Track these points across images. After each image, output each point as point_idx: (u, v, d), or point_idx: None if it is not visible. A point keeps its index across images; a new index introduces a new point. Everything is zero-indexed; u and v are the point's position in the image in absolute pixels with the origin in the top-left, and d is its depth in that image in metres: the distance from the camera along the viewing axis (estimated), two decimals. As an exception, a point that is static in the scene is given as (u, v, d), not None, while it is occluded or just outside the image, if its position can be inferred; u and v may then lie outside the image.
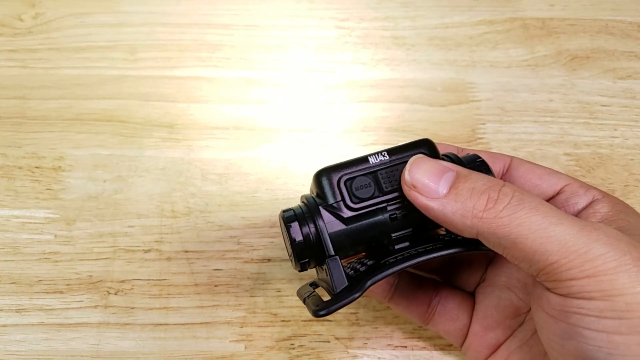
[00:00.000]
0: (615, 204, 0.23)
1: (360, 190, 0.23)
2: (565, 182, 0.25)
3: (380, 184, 0.24)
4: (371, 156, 0.24)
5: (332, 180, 0.24)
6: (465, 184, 0.22)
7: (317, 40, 0.42)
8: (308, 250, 0.23)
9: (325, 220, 0.23)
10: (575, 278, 0.19)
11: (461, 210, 0.21)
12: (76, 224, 0.33)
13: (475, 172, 0.22)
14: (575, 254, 0.19)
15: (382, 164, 0.24)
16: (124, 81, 0.39)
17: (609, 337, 0.19)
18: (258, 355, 0.29)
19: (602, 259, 0.18)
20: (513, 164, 0.27)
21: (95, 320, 0.30)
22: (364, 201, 0.23)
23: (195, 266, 0.32)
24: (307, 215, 0.23)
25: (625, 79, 0.40)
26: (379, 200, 0.24)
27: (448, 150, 0.27)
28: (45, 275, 0.32)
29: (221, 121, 0.38)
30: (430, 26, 0.43)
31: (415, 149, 0.24)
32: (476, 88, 0.39)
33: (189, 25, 0.42)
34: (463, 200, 0.21)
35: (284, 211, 0.24)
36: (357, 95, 0.39)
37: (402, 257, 0.23)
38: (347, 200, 0.23)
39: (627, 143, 0.37)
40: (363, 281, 0.22)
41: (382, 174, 0.24)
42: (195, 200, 0.34)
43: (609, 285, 0.18)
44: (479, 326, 0.27)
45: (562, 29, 0.43)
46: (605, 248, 0.18)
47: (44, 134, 0.37)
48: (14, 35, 0.42)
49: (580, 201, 0.24)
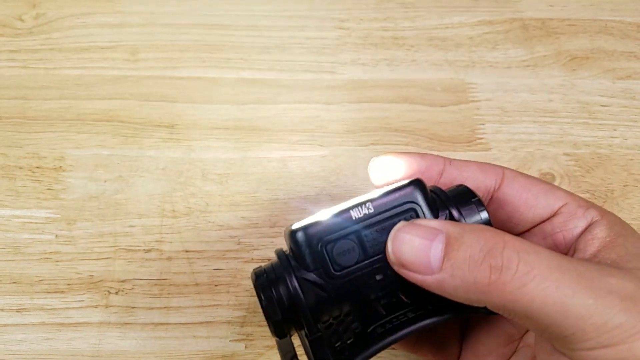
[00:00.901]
0: (612, 225, 0.22)
1: (343, 257, 0.21)
2: (563, 202, 0.24)
3: (366, 247, 0.21)
4: (354, 209, 0.21)
5: (310, 244, 0.21)
6: (459, 253, 0.19)
7: (317, 40, 0.42)
8: (287, 323, 0.21)
9: (305, 292, 0.21)
10: (592, 348, 0.18)
11: (462, 286, 0.19)
12: (77, 224, 0.33)
13: (468, 231, 0.19)
14: (592, 327, 0.17)
15: (366, 219, 0.21)
16: (124, 81, 0.40)
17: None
18: (258, 354, 0.29)
19: (621, 328, 0.17)
20: (506, 179, 0.25)
21: (96, 320, 0.30)
22: (347, 268, 0.21)
23: (195, 266, 0.32)
24: (283, 286, 0.21)
25: (625, 79, 0.40)
26: (364, 265, 0.21)
27: (435, 163, 0.25)
28: (46, 275, 0.32)
29: (221, 121, 0.38)
30: (430, 27, 0.43)
31: (403, 194, 0.21)
32: (476, 88, 0.39)
33: (189, 25, 0.43)
34: (462, 274, 0.19)
35: (256, 276, 0.22)
36: (357, 95, 0.39)
37: (392, 325, 0.21)
38: (329, 268, 0.21)
39: (627, 143, 0.37)
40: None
41: (367, 235, 0.21)
42: (195, 200, 0.34)
43: (628, 354, 0.18)
44: (470, 353, 0.26)
45: (562, 30, 0.43)
46: (622, 317, 0.18)
47: (45, 134, 0.37)
48: (15, 35, 0.42)
49: (579, 224, 0.23)
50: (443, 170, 0.25)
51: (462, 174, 0.25)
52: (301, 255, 0.21)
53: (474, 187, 0.24)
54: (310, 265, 0.21)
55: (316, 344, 0.21)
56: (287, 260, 0.22)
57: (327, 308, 0.21)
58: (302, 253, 0.21)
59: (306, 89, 0.39)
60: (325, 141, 0.37)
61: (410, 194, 0.21)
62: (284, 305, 0.21)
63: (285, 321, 0.21)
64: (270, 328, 0.22)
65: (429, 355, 0.27)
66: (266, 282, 0.21)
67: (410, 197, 0.21)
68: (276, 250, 0.23)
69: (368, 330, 0.22)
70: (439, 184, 0.25)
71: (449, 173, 0.25)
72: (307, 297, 0.21)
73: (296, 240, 0.21)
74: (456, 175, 0.25)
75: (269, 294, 0.21)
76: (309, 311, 0.21)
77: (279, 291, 0.21)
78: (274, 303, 0.21)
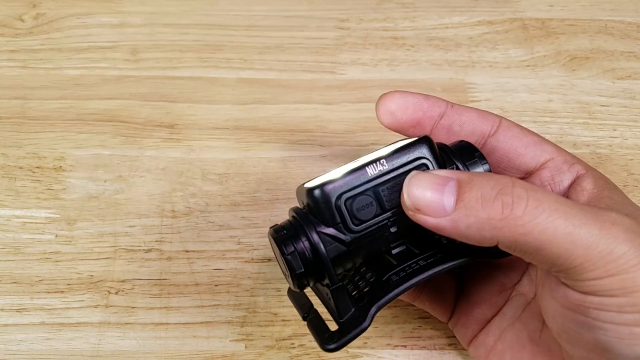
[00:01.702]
0: (597, 179, 0.24)
1: (361, 212, 0.22)
2: (550, 156, 0.25)
3: (382, 202, 0.22)
4: (369, 166, 0.22)
5: (330, 200, 0.22)
6: (471, 193, 0.20)
7: (317, 40, 0.42)
8: (308, 275, 0.22)
9: (327, 246, 0.22)
10: (598, 278, 0.19)
11: (476, 223, 0.20)
12: (77, 224, 0.33)
13: (477, 174, 0.21)
14: (599, 256, 0.18)
15: (382, 175, 0.22)
16: (124, 81, 0.40)
17: (630, 330, 0.19)
18: (258, 354, 0.29)
19: (624, 258, 0.18)
20: (502, 127, 0.26)
21: (96, 320, 0.30)
22: (365, 222, 0.22)
23: (195, 266, 0.32)
24: (304, 241, 0.22)
25: (625, 79, 0.40)
26: (381, 219, 0.22)
27: (437, 105, 0.26)
28: (46, 275, 0.32)
29: (222, 121, 0.38)
30: (430, 27, 0.43)
31: (414, 150, 0.22)
32: (476, 88, 0.39)
33: (190, 25, 0.43)
34: (475, 212, 0.20)
35: (276, 232, 0.23)
36: (357, 95, 0.39)
37: (405, 273, 0.22)
38: (349, 223, 0.22)
39: (627, 143, 0.37)
40: (370, 308, 0.22)
41: (383, 190, 0.22)
42: (195, 200, 0.34)
43: (631, 283, 0.18)
44: (465, 302, 0.27)
45: (562, 30, 0.43)
46: (626, 246, 0.19)
47: (45, 134, 0.37)
48: (15, 35, 0.42)
49: (565, 178, 0.24)
50: (444, 113, 0.26)
51: (461, 118, 0.26)
52: (320, 211, 0.22)
53: (471, 131, 0.26)
54: (329, 220, 0.22)
55: (338, 293, 0.22)
56: (306, 216, 0.22)
57: (346, 260, 0.22)
58: (322, 209, 0.22)
59: (306, 89, 0.39)
60: (325, 141, 0.37)
61: (420, 150, 0.22)
62: (306, 259, 0.22)
63: (307, 274, 0.22)
64: (293, 281, 0.22)
65: (427, 304, 0.28)
66: (287, 237, 0.22)
67: (421, 153, 0.22)
68: (292, 208, 0.23)
69: (383, 279, 0.22)
70: (439, 125, 0.26)
71: (449, 116, 0.26)
72: (329, 250, 0.22)
73: (315, 197, 0.22)
74: (455, 118, 0.26)
75: (291, 248, 0.22)
76: (330, 262, 0.22)
77: (301, 245, 0.22)
78: (297, 257, 0.22)
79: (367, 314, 0.22)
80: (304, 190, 0.22)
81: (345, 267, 0.23)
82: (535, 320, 0.24)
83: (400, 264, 0.23)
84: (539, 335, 0.24)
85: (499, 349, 0.25)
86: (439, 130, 0.26)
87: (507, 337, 0.25)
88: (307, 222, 0.22)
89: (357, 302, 0.22)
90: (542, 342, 0.24)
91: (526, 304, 0.25)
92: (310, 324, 0.23)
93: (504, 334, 0.25)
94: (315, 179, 0.22)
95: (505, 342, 0.25)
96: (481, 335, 0.26)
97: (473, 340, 0.26)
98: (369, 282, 0.23)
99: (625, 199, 0.23)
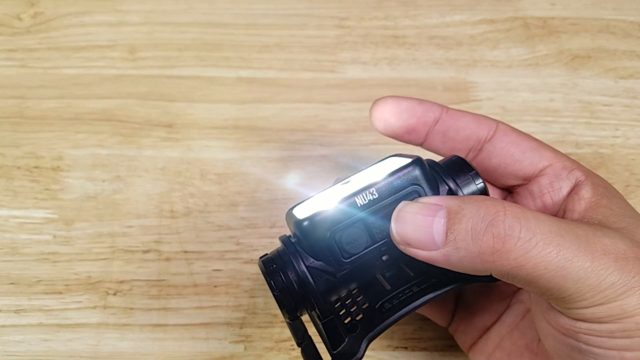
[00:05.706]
0: (596, 185, 0.23)
1: (351, 245, 0.21)
2: (548, 162, 0.24)
3: (373, 233, 0.21)
4: (358, 195, 0.21)
5: (318, 235, 0.21)
6: (460, 225, 0.19)
7: (317, 39, 0.42)
8: (299, 308, 0.22)
9: (316, 280, 0.21)
10: (587, 307, 0.19)
11: (467, 257, 0.19)
12: (75, 224, 0.33)
13: (467, 201, 0.20)
14: (588, 288, 0.18)
15: (372, 205, 0.21)
16: (123, 80, 0.39)
17: (621, 355, 0.19)
18: (258, 356, 0.29)
19: (613, 287, 0.18)
20: (498, 132, 0.25)
21: (94, 321, 0.30)
22: (355, 255, 0.21)
23: (194, 267, 0.32)
24: (293, 276, 0.21)
25: (627, 79, 0.40)
26: (371, 250, 0.21)
27: (432, 109, 0.25)
28: (44, 276, 0.31)
29: (221, 121, 0.38)
30: (431, 25, 0.43)
31: (404, 176, 0.21)
32: (477, 87, 0.39)
33: (188, 24, 0.42)
34: (466, 246, 0.19)
35: (265, 265, 0.22)
36: (357, 94, 0.39)
37: (398, 301, 0.22)
38: (338, 257, 0.21)
39: (629, 143, 0.37)
40: (362, 340, 0.21)
41: (373, 222, 0.21)
42: (194, 200, 0.34)
43: (619, 310, 0.18)
44: (464, 309, 0.27)
45: (564, 29, 0.42)
46: (615, 276, 0.18)
47: (43, 134, 0.37)
48: (13, 34, 0.42)
49: (563, 186, 0.24)
50: (439, 118, 0.25)
51: (456, 123, 0.25)
52: (309, 245, 0.21)
53: (467, 136, 0.25)
54: (319, 254, 0.21)
55: (330, 325, 0.22)
56: (293, 247, 0.22)
57: (337, 290, 0.22)
58: (311, 243, 0.21)
59: (306, 88, 0.39)
60: (325, 141, 0.37)
61: (411, 175, 0.21)
62: (295, 292, 0.21)
63: (297, 307, 0.22)
64: (284, 315, 0.22)
65: (426, 310, 0.28)
66: (276, 271, 0.22)
67: (413, 179, 0.21)
68: (281, 238, 0.23)
69: (376, 307, 0.22)
70: (434, 130, 0.25)
71: (444, 121, 0.25)
72: (318, 284, 0.21)
73: (304, 231, 0.21)
74: (451, 123, 0.25)
75: (281, 284, 0.21)
76: (320, 296, 0.21)
77: (290, 279, 0.21)
78: (287, 292, 0.21)
79: (359, 346, 0.21)
80: (293, 221, 0.22)
81: (338, 294, 0.23)
82: (533, 329, 0.24)
83: (393, 289, 0.23)
84: (537, 345, 0.24)
85: (498, 357, 0.25)
86: (434, 135, 0.26)
87: (505, 345, 0.25)
88: (295, 256, 0.21)
89: (350, 331, 0.22)
90: (540, 351, 0.24)
91: (525, 312, 0.25)
92: (303, 352, 0.23)
93: (502, 342, 0.25)
94: (304, 206, 0.22)
95: (504, 350, 0.25)
96: (480, 342, 0.26)
97: (472, 346, 0.26)
98: (362, 309, 0.23)
99: (623, 206, 0.23)
